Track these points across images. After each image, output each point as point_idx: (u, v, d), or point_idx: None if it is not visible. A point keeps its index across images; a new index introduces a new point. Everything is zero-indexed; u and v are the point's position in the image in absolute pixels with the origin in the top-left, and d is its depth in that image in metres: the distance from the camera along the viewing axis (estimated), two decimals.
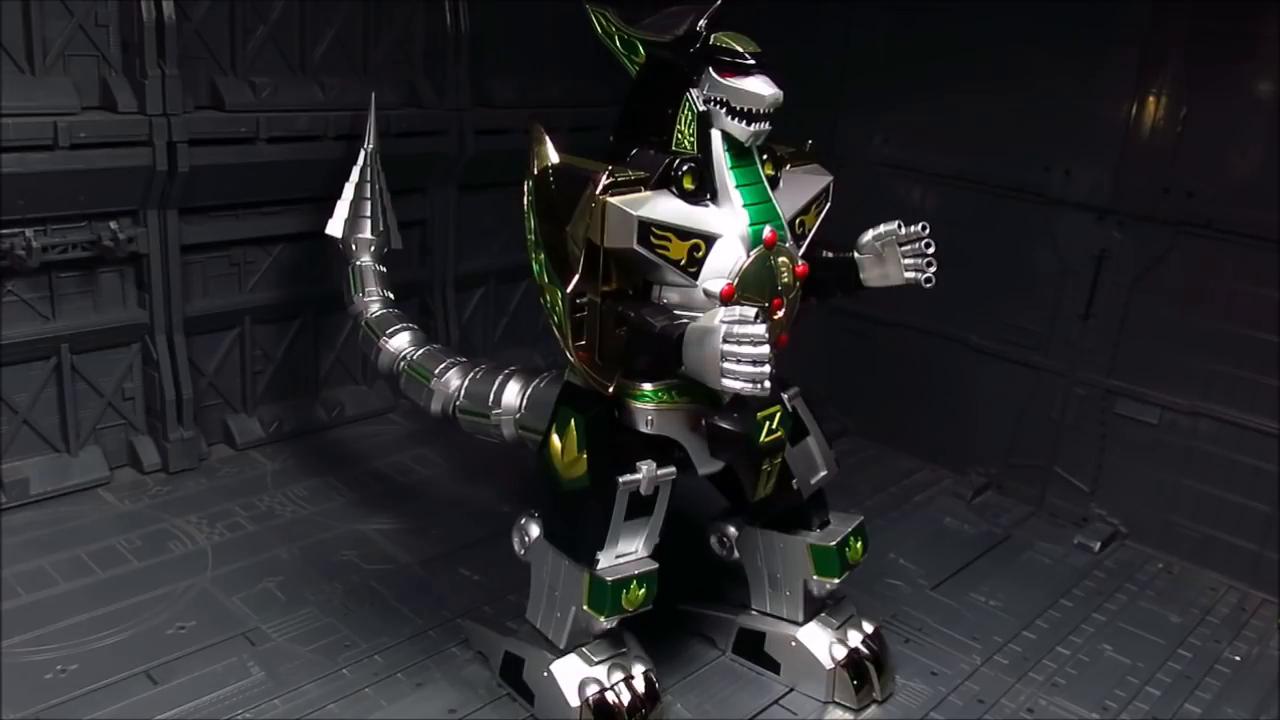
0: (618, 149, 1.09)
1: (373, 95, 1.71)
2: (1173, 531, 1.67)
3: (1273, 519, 1.56)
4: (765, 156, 1.10)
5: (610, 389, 1.07)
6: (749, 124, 1.03)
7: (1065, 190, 1.71)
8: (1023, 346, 1.80)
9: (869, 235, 1.17)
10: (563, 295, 1.03)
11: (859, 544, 1.27)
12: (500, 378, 1.28)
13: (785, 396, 1.18)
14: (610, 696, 1.13)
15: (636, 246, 1.00)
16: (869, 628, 1.29)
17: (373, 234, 1.62)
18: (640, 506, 1.11)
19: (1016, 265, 1.79)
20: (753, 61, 1.03)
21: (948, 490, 1.84)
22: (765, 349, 0.93)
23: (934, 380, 1.91)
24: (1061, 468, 1.78)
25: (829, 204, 1.18)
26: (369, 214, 1.64)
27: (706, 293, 1.03)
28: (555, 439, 1.14)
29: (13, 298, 1.51)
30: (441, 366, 1.34)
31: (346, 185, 1.66)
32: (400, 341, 1.42)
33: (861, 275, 1.18)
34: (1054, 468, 1.79)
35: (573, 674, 1.14)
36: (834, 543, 1.23)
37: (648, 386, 1.09)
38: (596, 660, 1.15)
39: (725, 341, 0.94)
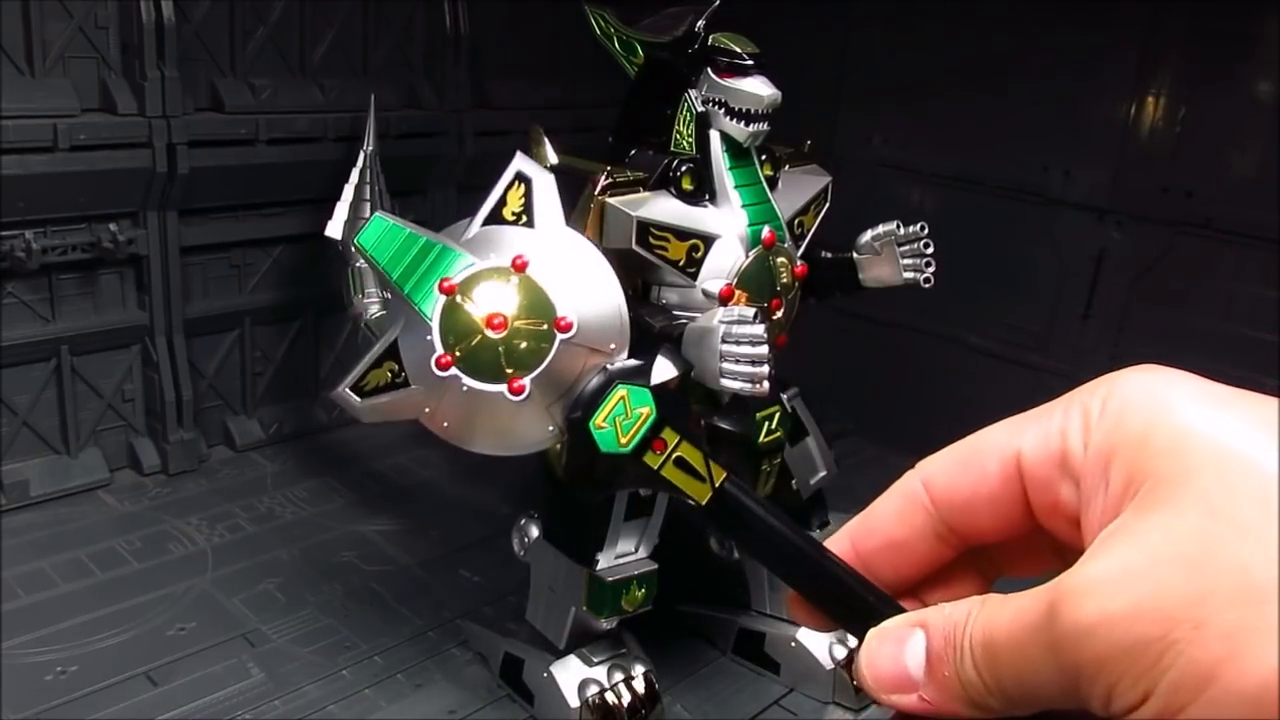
0: (616, 150, 1.10)
1: (372, 97, 1.71)
2: None
3: None
4: (764, 157, 1.10)
5: None
6: (747, 124, 1.04)
7: (1065, 190, 1.71)
8: (1023, 347, 1.80)
9: (868, 235, 1.17)
10: None
11: None
12: None
13: (784, 397, 1.18)
14: (610, 697, 1.13)
15: (635, 247, 1.00)
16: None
17: None
18: (639, 507, 1.11)
19: (1016, 265, 1.79)
20: (751, 62, 1.04)
21: None
22: (764, 349, 0.93)
23: (934, 380, 1.91)
24: None
25: (828, 204, 1.18)
26: (369, 215, 1.64)
27: (705, 293, 1.03)
28: None
29: (13, 299, 1.51)
30: None
31: (346, 187, 1.66)
32: None
33: (860, 275, 1.19)
34: None
35: (572, 675, 1.14)
36: None
37: None
38: (596, 661, 1.16)
39: (724, 341, 0.94)
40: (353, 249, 1.60)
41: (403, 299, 0.63)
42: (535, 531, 1.19)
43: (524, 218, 0.63)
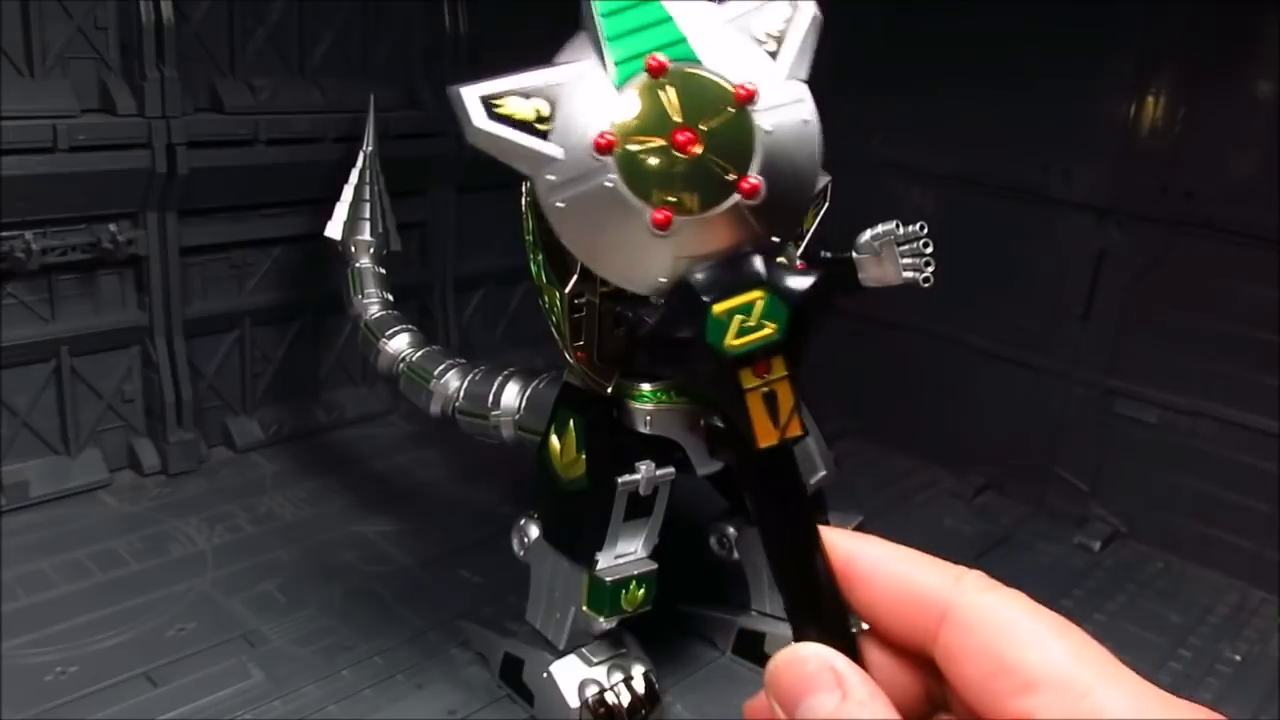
0: None
1: (371, 97, 1.71)
2: (1173, 531, 1.67)
3: (1273, 519, 1.56)
4: None
5: (609, 389, 1.07)
6: None
7: (1065, 190, 1.71)
8: (1023, 346, 1.80)
9: (867, 235, 1.17)
10: (561, 296, 1.03)
11: None
12: (499, 379, 1.28)
13: None
14: (610, 697, 1.13)
15: None
16: (868, 628, 1.29)
17: (372, 236, 1.63)
18: (639, 507, 1.11)
19: (1016, 265, 1.79)
20: None
21: (948, 490, 1.84)
22: None
23: (934, 380, 1.91)
24: (1061, 468, 1.78)
25: (827, 204, 1.18)
26: (368, 216, 1.64)
27: None
28: (554, 439, 1.14)
29: (12, 300, 1.51)
30: (441, 368, 1.34)
31: (346, 187, 1.66)
32: (399, 343, 1.42)
33: (860, 275, 1.18)
34: (1054, 468, 1.78)
35: (572, 675, 1.14)
36: None
37: (646, 387, 1.09)
38: (596, 661, 1.15)
39: None
40: (351, 249, 1.61)
41: (599, 42, 0.52)
42: (535, 532, 1.19)
43: (774, 44, 0.54)
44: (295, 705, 1.18)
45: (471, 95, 0.49)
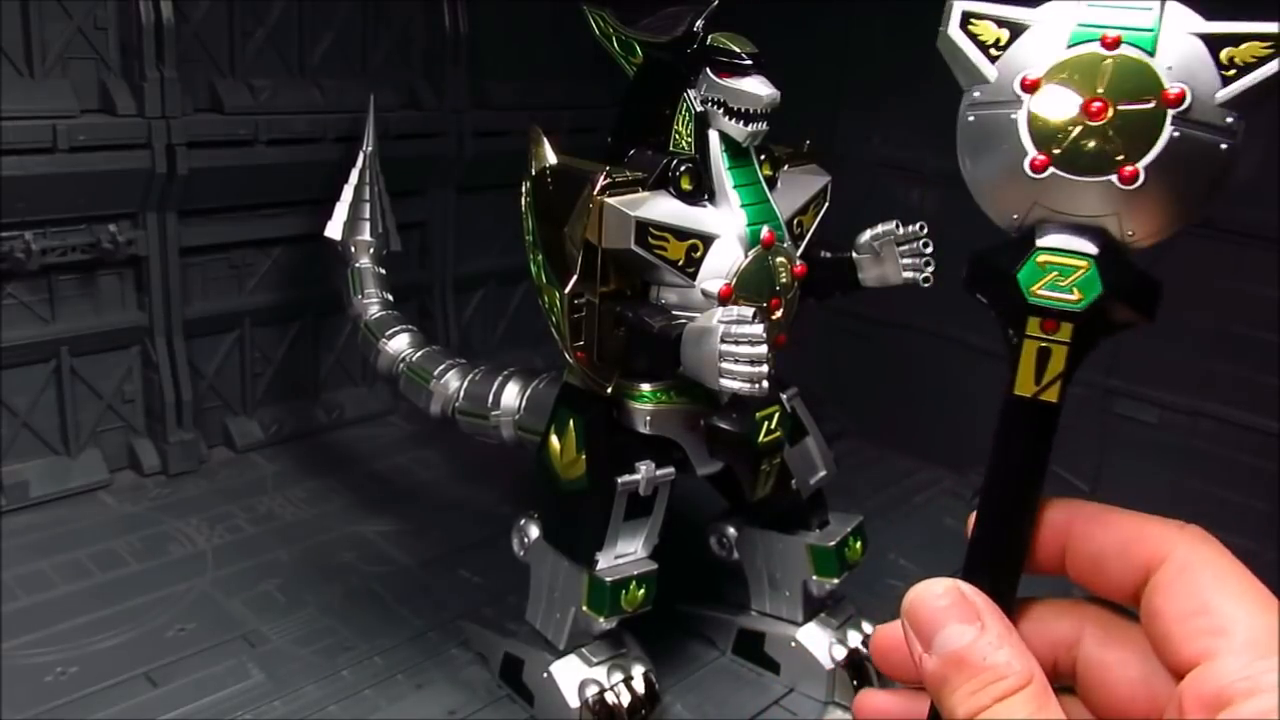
0: (615, 150, 1.09)
1: (371, 97, 1.71)
2: None
3: (1273, 519, 1.55)
4: (763, 157, 1.10)
5: (609, 389, 1.07)
6: (746, 124, 1.03)
7: None
8: None
9: (867, 235, 1.17)
10: (561, 296, 1.03)
11: (858, 544, 1.27)
12: (499, 379, 1.28)
13: (784, 397, 1.18)
14: (610, 697, 1.13)
15: (634, 247, 1.00)
16: (869, 628, 1.29)
17: (372, 236, 1.63)
18: (639, 507, 1.11)
19: None
20: (749, 62, 1.03)
21: (948, 490, 1.84)
22: (763, 349, 0.93)
23: (934, 380, 1.91)
24: (1061, 468, 1.77)
25: (827, 204, 1.18)
26: (368, 216, 1.65)
27: (704, 293, 1.03)
28: (554, 439, 1.14)
29: (12, 300, 1.51)
30: (440, 368, 1.34)
31: (345, 187, 1.66)
32: (399, 343, 1.42)
33: (860, 275, 1.18)
34: (1053, 468, 1.78)
35: (572, 675, 1.14)
36: (833, 543, 1.24)
37: (646, 387, 1.09)
38: (596, 661, 1.15)
39: (723, 341, 0.94)
40: (351, 249, 1.61)
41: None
42: (535, 532, 1.19)
43: (1234, 73, 0.54)
44: (295, 705, 1.18)
45: (959, 7, 0.56)
